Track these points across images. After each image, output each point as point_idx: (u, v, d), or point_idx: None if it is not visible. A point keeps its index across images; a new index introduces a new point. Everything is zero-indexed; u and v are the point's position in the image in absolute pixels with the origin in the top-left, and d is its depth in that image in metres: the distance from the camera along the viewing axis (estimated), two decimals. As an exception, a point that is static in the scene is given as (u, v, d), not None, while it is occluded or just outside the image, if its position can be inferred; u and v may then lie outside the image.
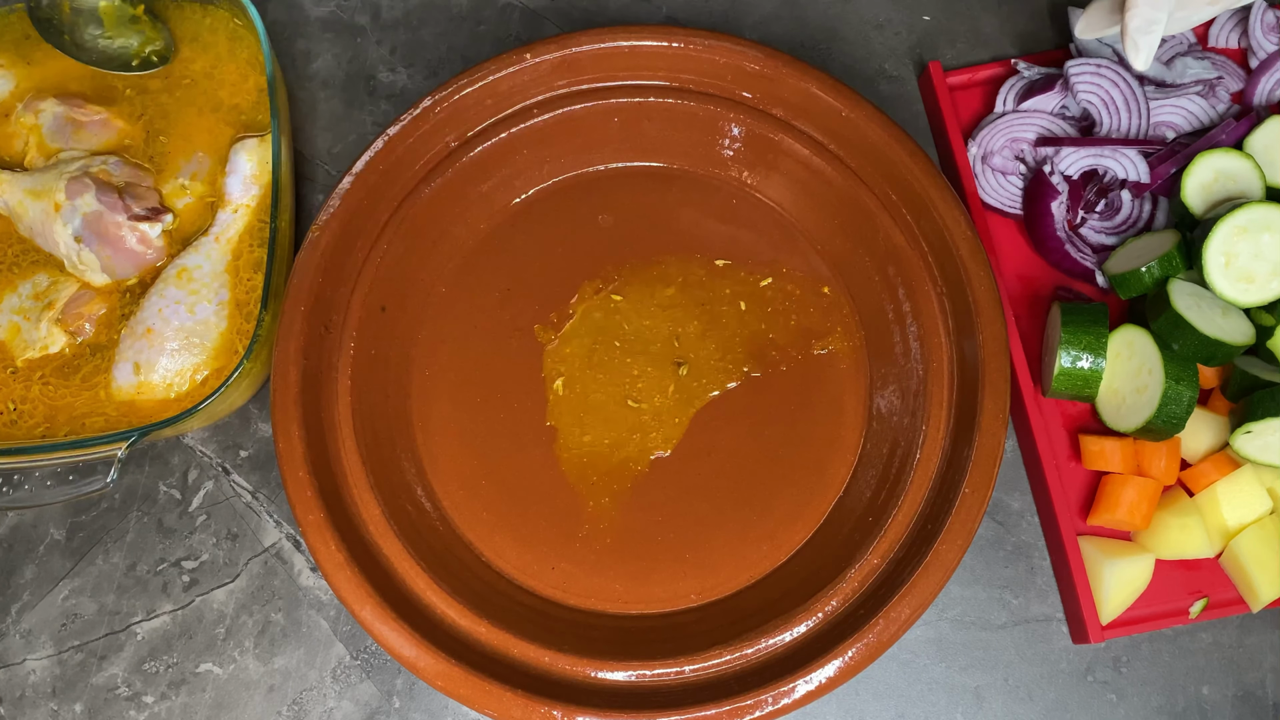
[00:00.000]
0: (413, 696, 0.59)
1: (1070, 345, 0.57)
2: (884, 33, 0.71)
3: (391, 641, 0.49)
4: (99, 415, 0.57)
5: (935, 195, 0.56)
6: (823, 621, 0.51)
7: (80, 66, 0.64)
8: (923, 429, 0.54)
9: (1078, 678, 0.58)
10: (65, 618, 0.60)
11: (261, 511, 0.62)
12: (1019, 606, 0.59)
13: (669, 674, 0.51)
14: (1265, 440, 0.54)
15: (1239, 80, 0.65)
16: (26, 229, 0.60)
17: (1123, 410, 0.57)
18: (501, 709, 0.48)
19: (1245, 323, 0.55)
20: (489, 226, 0.63)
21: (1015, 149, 0.65)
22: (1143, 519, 0.57)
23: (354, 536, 0.52)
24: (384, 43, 0.72)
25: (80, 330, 0.59)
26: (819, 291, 0.62)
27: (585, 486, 0.58)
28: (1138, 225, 0.63)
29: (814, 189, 0.61)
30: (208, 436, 0.64)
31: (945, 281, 0.56)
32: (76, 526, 0.62)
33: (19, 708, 0.59)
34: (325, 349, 0.56)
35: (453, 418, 0.60)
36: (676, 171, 0.64)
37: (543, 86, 0.61)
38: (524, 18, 0.72)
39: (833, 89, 0.58)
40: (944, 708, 0.58)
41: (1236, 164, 0.57)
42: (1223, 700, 0.57)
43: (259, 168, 0.60)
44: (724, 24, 0.72)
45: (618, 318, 0.61)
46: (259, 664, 0.59)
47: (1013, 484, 0.62)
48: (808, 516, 0.57)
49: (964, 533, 0.50)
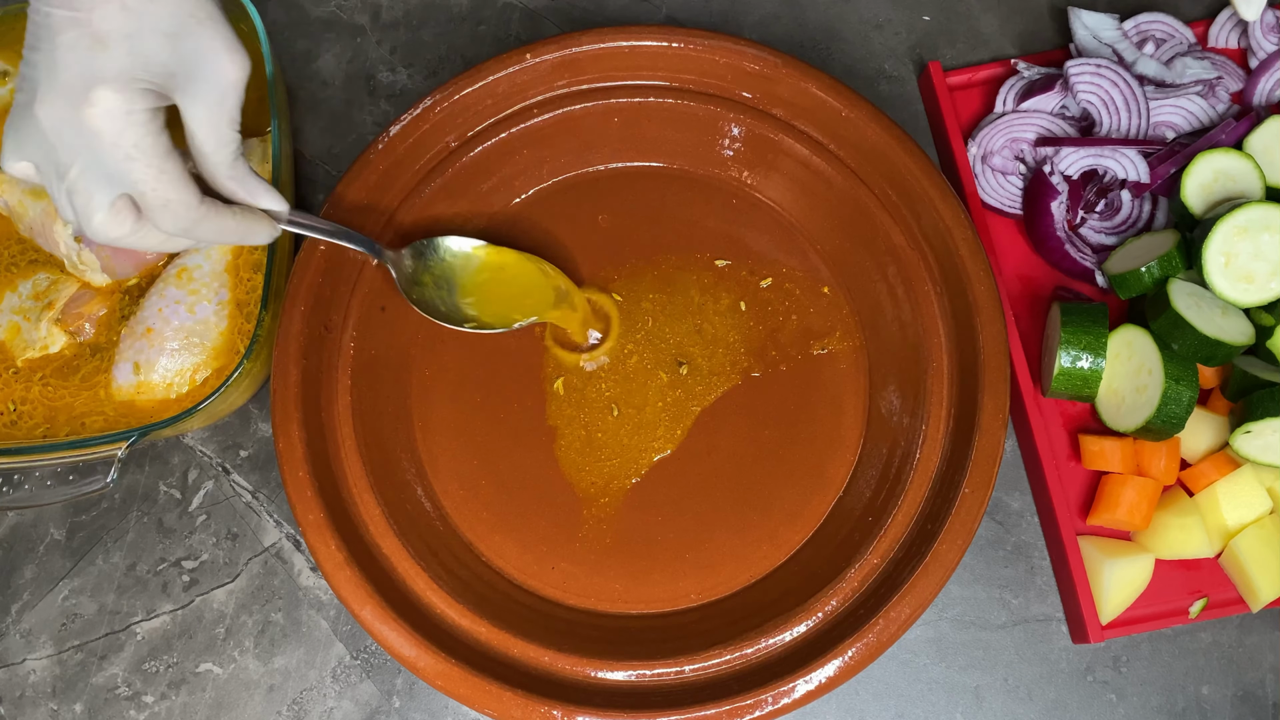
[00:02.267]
0: (413, 696, 0.59)
1: (1070, 345, 0.57)
2: (884, 33, 0.71)
3: (391, 641, 0.49)
4: (98, 415, 0.57)
5: (935, 195, 0.56)
6: (823, 621, 0.51)
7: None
8: (923, 429, 0.54)
9: (1077, 678, 0.58)
10: (65, 617, 0.60)
11: (261, 511, 0.62)
12: (1019, 606, 0.59)
13: (669, 674, 0.51)
14: (1265, 440, 0.54)
15: (1239, 80, 0.65)
16: (26, 229, 0.60)
17: (1123, 410, 0.57)
18: (501, 709, 0.48)
19: (1245, 323, 0.55)
20: (489, 226, 0.63)
21: (1015, 149, 0.65)
22: (1143, 519, 0.57)
23: (354, 536, 0.52)
24: (384, 43, 0.72)
25: (80, 330, 0.59)
26: (819, 291, 0.62)
27: (585, 486, 0.58)
28: (1138, 225, 0.63)
29: (814, 189, 0.61)
30: (208, 436, 0.64)
31: (945, 281, 0.56)
32: (76, 526, 0.62)
33: (19, 708, 0.59)
34: (325, 349, 0.56)
35: (452, 418, 0.60)
36: (676, 171, 0.64)
37: (543, 86, 0.61)
38: (524, 18, 0.72)
39: (833, 89, 0.58)
40: (944, 708, 0.58)
41: (1236, 164, 0.57)
42: (1222, 700, 0.57)
43: (259, 167, 0.60)
44: (724, 24, 0.72)
45: (618, 317, 0.61)
46: (259, 664, 0.59)
47: (1013, 484, 0.62)
48: (808, 516, 0.57)
49: (964, 533, 0.50)
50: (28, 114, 0.41)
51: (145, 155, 0.41)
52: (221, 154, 0.44)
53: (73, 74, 0.40)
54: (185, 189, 0.43)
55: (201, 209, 0.44)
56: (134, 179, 0.42)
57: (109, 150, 0.41)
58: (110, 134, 0.41)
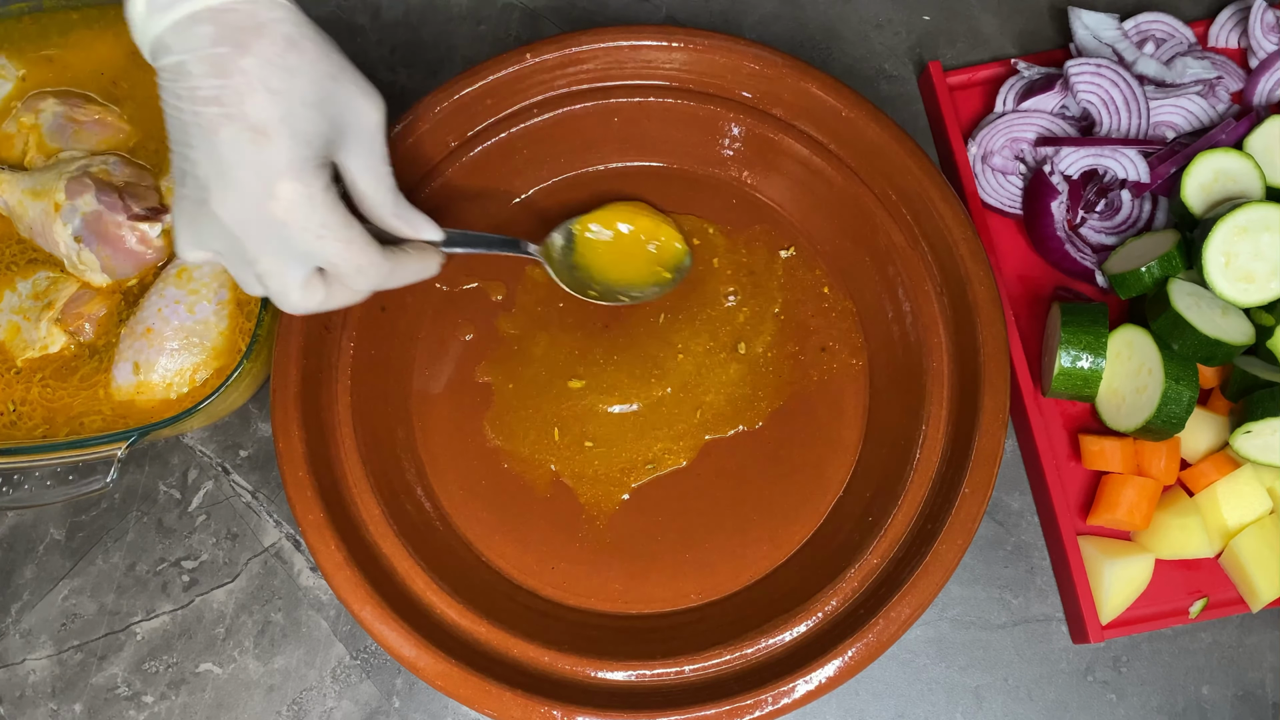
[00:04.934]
0: (413, 696, 0.59)
1: (1070, 345, 0.57)
2: (884, 33, 0.71)
3: (391, 641, 0.49)
4: (98, 415, 0.57)
5: (935, 195, 0.56)
6: (823, 621, 0.51)
7: (81, 67, 0.64)
8: (923, 429, 0.54)
9: (1078, 678, 0.58)
10: (65, 617, 0.60)
11: (261, 511, 0.62)
12: (1019, 606, 0.59)
13: (669, 674, 0.51)
14: (1265, 440, 0.54)
15: (1239, 80, 0.65)
16: (26, 229, 0.60)
17: (1123, 410, 0.57)
18: (501, 709, 0.48)
19: (1245, 322, 0.55)
20: (489, 226, 0.63)
21: (1015, 149, 0.65)
22: (1143, 519, 0.57)
23: (354, 536, 0.52)
24: (384, 43, 0.72)
25: (80, 330, 0.59)
26: (819, 291, 0.62)
27: (585, 486, 0.58)
28: (1138, 225, 0.63)
29: (814, 189, 0.61)
30: (208, 436, 0.64)
31: (945, 281, 0.56)
32: (76, 526, 0.62)
33: (19, 708, 0.59)
34: (325, 349, 0.56)
35: (453, 418, 0.60)
36: (676, 171, 0.64)
37: (543, 86, 0.61)
38: (524, 18, 0.72)
39: (833, 89, 0.58)
40: (944, 708, 0.58)
41: (1236, 164, 0.57)
42: (1223, 700, 0.57)
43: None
44: (724, 24, 0.72)
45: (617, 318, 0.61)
46: (259, 664, 0.59)
47: (1013, 484, 0.62)
48: (808, 516, 0.57)
49: (964, 533, 0.50)
50: (204, 210, 0.41)
51: (333, 231, 0.42)
52: (383, 194, 0.46)
53: (246, 172, 0.40)
54: (373, 251, 0.44)
55: (389, 263, 0.45)
56: (326, 255, 0.43)
57: (298, 235, 0.42)
58: (297, 221, 0.41)
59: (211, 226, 0.42)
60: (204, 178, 0.41)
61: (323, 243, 0.42)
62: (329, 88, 0.42)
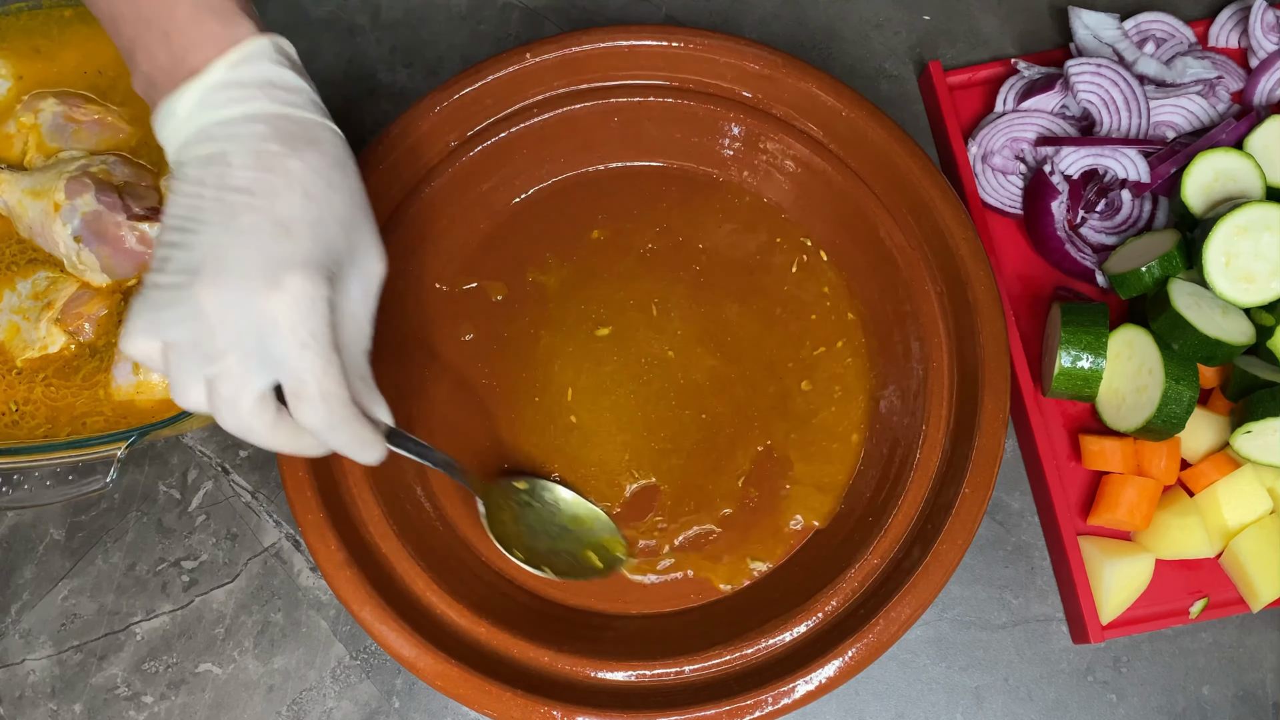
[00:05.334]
0: (412, 696, 0.59)
1: (1070, 345, 0.57)
2: (884, 32, 0.71)
3: (391, 641, 0.49)
4: (98, 415, 0.57)
5: (935, 195, 0.56)
6: (823, 621, 0.51)
7: (81, 68, 0.64)
8: (923, 429, 0.54)
9: (1078, 678, 0.58)
10: (65, 618, 0.60)
11: (261, 511, 0.62)
12: (1019, 606, 0.59)
13: (669, 674, 0.51)
14: (1265, 440, 0.54)
15: (1239, 80, 0.65)
16: (26, 229, 0.60)
17: (1123, 410, 0.57)
18: (501, 709, 0.48)
19: (1245, 322, 0.55)
20: (489, 226, 0.63)
21: (1015, 149, 0.65)
22: (1143, 519, 0.57)
23: (354, 536, 0.52)
24: (384, 42, 0.72)
25: (80, 330, 0.59)
26: (819, 291, 0.62)
27: (586, 486, 0.58)
28: (1138, 225, 0.63)
29: (814, 189, 0.61)
30: (207, 436, 0.64)
31: (945, 281, 0.56)
32: (76, 526, 0.62)
33: (19, 708, 0.59)
34: (325, 349, 0.56)
35: (453, 418, 0.60)
36: (676, 171, 0.64)
37: (542, 86, 0.61)
38: (524, 18, 0.72)
39: (833, 89, 0.58)
40: (944, 708, 0.58)
41: (1236, 164, 0.57)
42: (1223, 700, 0.57)
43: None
44: (724, 24, 0.72)
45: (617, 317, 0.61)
46: (258, 664, 0.59)
47: (1013, 484, 0.62)
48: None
49: (964, 533, 0.50)
50: (178, 296, 0.38)
51: (319, 344, 0.39)
52: (358, 348, 0.43)
53: (254, 259, 0.38)
54: (344, 385, 0.41)
55: (350, 410, 0.41)
56: (299, 368, 0.39)
57: (284, 337, 0.38)
58: (289, 321, 0.38)
59: (179, 312, 0.38)
60: (198, 260, 0.38)
61: (305, 352, 0.39)
62: (356, 217, 0.42)
